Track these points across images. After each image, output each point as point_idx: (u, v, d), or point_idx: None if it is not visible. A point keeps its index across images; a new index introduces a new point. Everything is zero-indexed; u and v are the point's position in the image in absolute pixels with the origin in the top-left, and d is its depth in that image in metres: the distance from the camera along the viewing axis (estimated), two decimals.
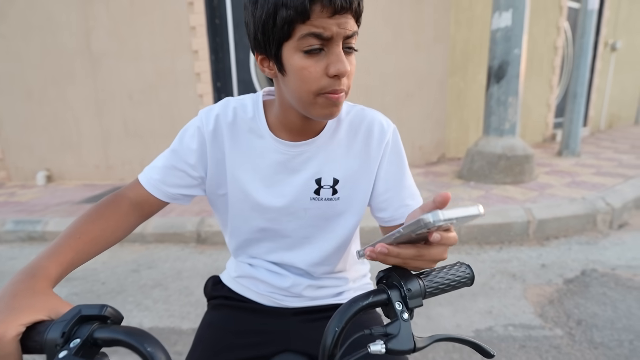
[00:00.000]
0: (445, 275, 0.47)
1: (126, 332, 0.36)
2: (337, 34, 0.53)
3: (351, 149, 0.70)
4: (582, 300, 1.95)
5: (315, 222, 0.72)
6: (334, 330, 0.40)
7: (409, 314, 0.42)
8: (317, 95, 0.56)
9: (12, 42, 4.94)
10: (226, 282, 0.83)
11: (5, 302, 0.40)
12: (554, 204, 2.85)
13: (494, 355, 0.46)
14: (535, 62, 5.46)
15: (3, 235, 3.35)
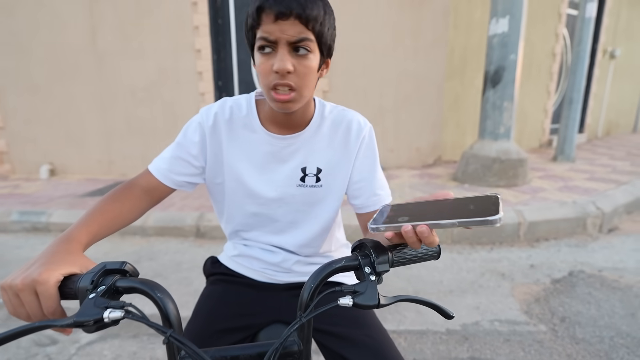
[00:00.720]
0: (415, 251, 0.53)
1: (141, 282, 0.43)
2: (280, 38, 0.62)
3: (332, 143, 0.80)
4: (568, 299, 2.03)
5: (301, 207, 0.82)
6: (309, 286, 0.47)
7: (376, 277, 0.48)
8: (269, 90, 0.66)
9: (19, 38, 5.02)
10: (223, 261, 0.92)
11: (47, 258, 0.49)
12: (544, 207, 2.92)
13: (453, 316, 0.53)
14: (534, 68, 5.54)
15: (9, 225, 3.43)
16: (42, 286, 0.45)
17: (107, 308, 0.40)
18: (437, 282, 2.26)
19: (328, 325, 0.77)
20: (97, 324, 0.40)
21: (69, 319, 0.40)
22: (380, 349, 0.72)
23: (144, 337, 1.82)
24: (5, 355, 1.71)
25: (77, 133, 5.25)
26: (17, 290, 0.45)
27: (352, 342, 0.74)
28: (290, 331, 0.44)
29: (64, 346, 1.77)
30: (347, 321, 0.77)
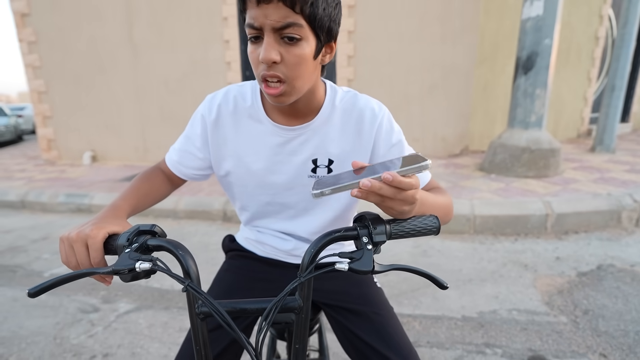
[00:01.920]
0: (412, 222, 0.55)
1: (167, 241, 0.51)
2: (264, 24, 0.56)
3: (344, 132, 0.76)
4: (593, 293, 1.97)
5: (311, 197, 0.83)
6: (310, 251, 0.52)
7: (373, 246, 0.51)
8: (260, 82, 0.62)
9: (65, 34, 5.36)
10: (239, 240, 0.98)
11: (98, 219, 0.59)
12: (575, 198, 2.81)
13: (447, 286, 0.54)
14: (573, 53, 5.22)
15: (56, 206, 3.75)
16: (91, 239, 0.54)
17: (139, 260, 0.48)
18: (456, 271, 2.26)
19: (339, 302, 0.82)
20: (131, 273, 0.48)
21: (109, 268, 0.48)
22: (385, 325, 0.76)
23: (174, 309, 1.97)
24: (54, 319, 1.92)
25: (115, 122, 5.58)
26: (72, 241, 0.54)
27: (360, 317, 0.78)
28: (290, 288, 0.49)
29: (105, 314, 1.96)
30: (357, 299, 0.82)
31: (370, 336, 0.75)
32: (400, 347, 0.73)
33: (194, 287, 0.48)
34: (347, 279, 0.87)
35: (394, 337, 0.74)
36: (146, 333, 1.78)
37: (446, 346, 1.60)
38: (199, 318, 0.51)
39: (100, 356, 1.62)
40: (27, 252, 2.83)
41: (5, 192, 4.17)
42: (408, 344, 0.75)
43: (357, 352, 0.76)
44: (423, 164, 0.48)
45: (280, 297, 0.49)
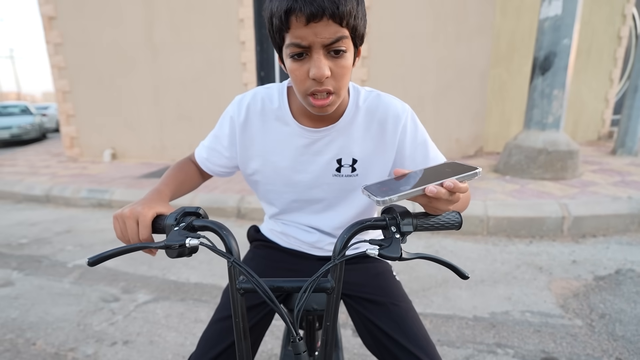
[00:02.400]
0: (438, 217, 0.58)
1: (212, 222, 0.56)
2: (314, 42, 0.58)
3: (368, 132, 0.77)
4: (611, 297, 1.93)
5: (337, 193, 0.83)
6: (343, 237, 0.55)
7: (401, 236, 0.54)
8: (306, 95, 0.64)
9: (89, 36, 5.56)
10: (264, 231, 1.01)
11: (146, 200, 0.65)
12: (593, 201, 2.75)
13: (468, 277, 0.57)
14: (594, 52, 5.09)
15: (79, 201, 3.90)
16: (142, 217, 0.59)
17: (188, 237, 0.52)
18: (469, 271, 2.24)
19: (360, 292, 0.85)
20: (180, 249, 0.53)
21: (161, 243, 0.53)
22: (404, 316, 0.78)
23: (190, 301, 2.04)
24: (78, 307, 2.01)
25: (134, 121, 5.75)
26: (125, 217, 0.60)
27: (379, 308, 0.81)
28: (325, 269, 0.52)
29: (125, 303, 2.04)
30: (376, 290, 0.84)
31: (389, 326, 0.77)
32: (417, 337, 0.74)
33: (238, 263, 0.52)
34: (368, 271, 0.89)
35: (412, 327, 0.76)
36: (163, 322, 1.85)
37: (457, 345, 1.61)
38: (239, 293, 0.55)
39: (120, 343, 1.69)
40: (51, 244, 2.96)
41: (31, 186, 4.36)
42: (425, 335, 0.76)
43: (375, 341, 0.79)
44: (476, 171, 0.52)
45: (316, 276, 0.52)
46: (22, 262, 2.63)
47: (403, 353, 0.73)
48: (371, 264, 0.91)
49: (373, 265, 0.91)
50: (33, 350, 1.67)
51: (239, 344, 0.56)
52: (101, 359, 1.59)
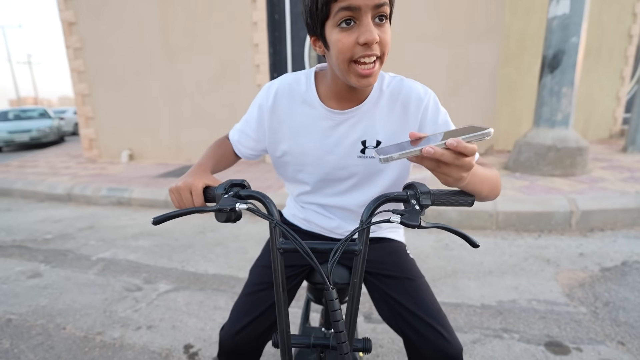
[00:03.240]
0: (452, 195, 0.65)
1: (256, 191, 0.65)
2: (365, 5, 0.61)
3: (391, 115, 0.80)
4: (616, 286, 1.97)
5: (362, 175, 0.86)
6: (369, 207, 0.62)
7: (420, 208, 0.60)
8: (351, 63, 0.67)
9: (106, 39, 5.77)
10: (286, 216, 1.09)
11: (195, 173, 0.75)
12: (601, 196, 2.78)
13: (478, 245, 0.63)
14: (604, 51, 5.08)
15: (100, 199, 4.07)
16: (194, 187, 0.69)
17: (237, 202, 0.61)
18: (477, 263, 2.31)
19: (378, 269, 0.92)
20: (230, 212, 0.62)
21: (215, 207, 0.62)
22: (417, 289, 0.85)
23: (209, 290, 2.15)
24: (103, 296, 2.13)
25: (151, 123, 5.93)
26: (180, 189, 0.69)
27: (395, 282, 0.88)
28: (354, 232, 0.59)
29: (147, 293, 2.15)
30: (393, 266, 0.92)
31: (405, 298, 0.84)
32: (430, 308, 0.81)
33: (280, 224, 0.60)
34: (385, 250, 0.96)
35: (425, 299, 0.83)
36: (184, 310, 1.95)
37: (465, 330, 1.68)
38: (279, 252, 0.63)
39: (144, 327, 1.81)
40: (75, 239, 3.11)
41: (53, 186, 4.56)
42: (437, 306, 0.83)
43: (392, 312, 0.86)
44: (486, 131, 0.50)
45: (346, 238, 0.59)
46: (48, 255, 2.78)
47: (417, 322, 0.79)
48: (387, 244, 0.98)
49: (389, 245, 0.98)
50: (63, 334, 1.79)
51: (277, 295, 0.63)
52: (127, 341, 1.71)
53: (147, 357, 1.59)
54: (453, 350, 0.76)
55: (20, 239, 3.18)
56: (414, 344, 0.80)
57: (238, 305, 0.87)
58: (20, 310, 2.01)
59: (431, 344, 0.77)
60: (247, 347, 0.83)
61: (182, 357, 1.58)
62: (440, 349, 0.76)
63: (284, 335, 0.62)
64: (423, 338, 0.78)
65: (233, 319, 0.85)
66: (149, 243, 2.90)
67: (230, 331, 0.83)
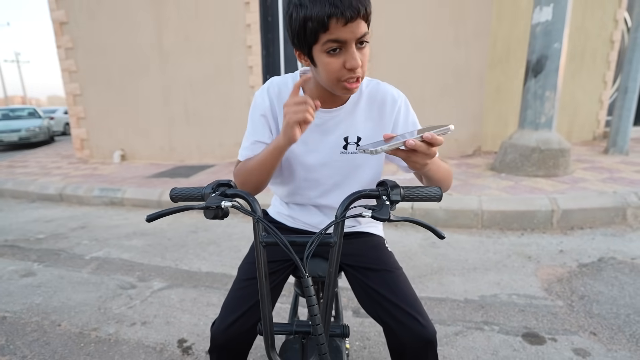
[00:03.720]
0: (421, 189, 0.71)
1: (240, 190, 0.71)
2: (350, 39, 0.70)
3: (370, 114, 0.90)
4: (591, 281, 2.08)
5: (344, 171, 0.93)
6: (343, 203, 0.69)
7: (390, 203, 0.67)
8: (338, 82, 0.75)
9: (99, 40, 5.77)
10: (271, 214, 1.15)
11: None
12: (581, 196, 2.90)
13: (444, 237, 0.68)
14: (588, 56, 5.25)
15: (92, 199, 4.08)
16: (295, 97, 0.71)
17: (222, 201, 0.67)
18: (462, 260, 2.40)
19: (358, 262, 0.98)
20: (217, 210, 0.67)
21: (202, 204, 0.67)
22: (395, 280, 0.92)
23: (202, 287, 2.20)
24: (97, 294, 2.17)
25: (143, 123, 5.93)
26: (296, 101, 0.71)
27: (374, 274, 0.94)
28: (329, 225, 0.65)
29: (141, 290, 2.20)
30: (372, 260, 0.98)
31: (383, 288, 0.90)
32: (407, 296, 0.88)
33: (262, 220, 0.66)
34: (365, 244, 1.03)
35: (402, 289, 0.90)
36: (178, 306, 2.00)
37: (448, 323, 1.76)
38: (262, 245, 0.68)
39: (139, 324, 1.85)
40: (68, 239, 3.13)
41: (45, 186, 4.55)
42: (414, 295, 0.90)
43: (371, 301, 0.92)
44: (449, 126, 0.64)
45: (321, 231, 0.65)
46: (41, 255, 2.80)
47: (396, 310, 0.86)
48: (367, 238, 1.05)
49: (369, 239, 1.05)
50: (58, 330, 1.83)
51: (260, 285, 0.69)
52: (122, 337, 1.75)
53: (141, 351, 1.64)
54: (428, 334, 0.83)
55: (12, 238, 3.19)
56: (393, 330, 0.86)
57: (228, 301, 0.91)
58: (14, 308, 2.04)
59: (408, 329, 0.84)
60: (237, 341, 0.88)
61: (176, 351, 1.63)
62: (417, 333, 0.83)
63: (267, 322, 0.68)
64: (401, 324, 0.85)
65: (223, 314, 0.88)
66: (143, 242, 2.94)
67: (221, 326, 0.87)
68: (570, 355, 1.51)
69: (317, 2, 0.67)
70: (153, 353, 1.62)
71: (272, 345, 0.70)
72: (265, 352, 0.69)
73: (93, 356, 1.61)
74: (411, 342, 0.84)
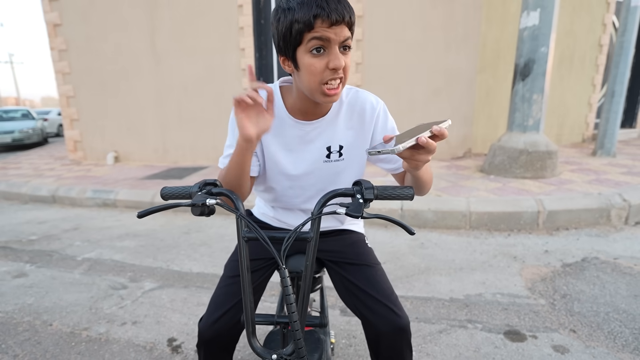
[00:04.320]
0: (394, 189, 0.74)
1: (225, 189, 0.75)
2: (334, 40, 0.73)
3: (350, 122, 0.93)
4: (574, 280, 2.13)
5: (327, 177, 0.96)
6: (320, 201, 0.72)
7: (364, 201, 0.70)
8: (320, 85, 0.77)
9: (92, 42, 5.77)
10: (256, 214, 1.18)
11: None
12: (566, 197, 2.96)
13: (414, 233, 0.71)
14: (576, 60, 5.34)
15: (85, 201, 4.09)
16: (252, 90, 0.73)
17: (207, 198, 0.71)
18: (449, 261, 2.45)
19: (339, 258, 1.03)
20: (202, 207, 0.71)
21: (189, 201, 0.71)
22: (373, 274, 0.97)
23: (193, 287, 2.22)
24: (89, 294, 2.19)
25: (137, 125, 5.94)
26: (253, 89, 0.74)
27: (354, 268, 0.99)
28: (306, 221, 0.68)
29: (132, 290, 2.22)
30: (352, 256, 1.03)
31: (361, 282, 0.95)
32: (384, 289, 0.93)
33: (244, 216, 0.70)
34: (346, 241, 1.07)
35: (379, 282, 0.95)
36: (168, 306, 2.03)
37: (432, 321, 1.80)
38: (244, 240, 0.72)
39: (130, 323, 1.88)
40: (60, 240, 3.14)
41: (38, 188, 4.55)
42: (390, 287, 0.95)
43: (350, 294, 0.97)
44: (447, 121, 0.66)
45: (299, 226, 0.68)
46: (33, 256, 2.81)
47: (372, 301, 0.91)
48: (348, 235, 1.10)
49: (350, 236, 1.09)
50: (50, 330, 1.85)
51: (242, 277, 0.72)
52: (113, 336, 1.77)
53: (131, 350, 1.66)
54: (402, 323, 0.88)
55: (5, 240, 3.19)
56: (370, 321, 0.91)
57: (214, 298, 0.95)
58: (6, 308, 2.05)
59: (384, 318, 0.88)
60: (224, 336, 0.91)
61: (166, 349, 1.66)
62: (391, 322, 0.88)
63: (248, 311, 0.72)
64: (377, 315, 0.89)
65: (210, 310, 0.92)
66: (135, 243, 2.96)
67: (208, 322, 0.90)
68: (549, 351, 1.55)
69: (304, 5, 0.70)
70: (143, 352, 1.64)
71: (253, 332, 0.73)
72: (247, 339, 0.73)
73: (84, 355, 1.64)
74: (386, 331, 0.88)
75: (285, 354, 0.72)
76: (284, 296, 0.63)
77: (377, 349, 0.93)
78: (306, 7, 0.70)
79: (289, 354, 0.72)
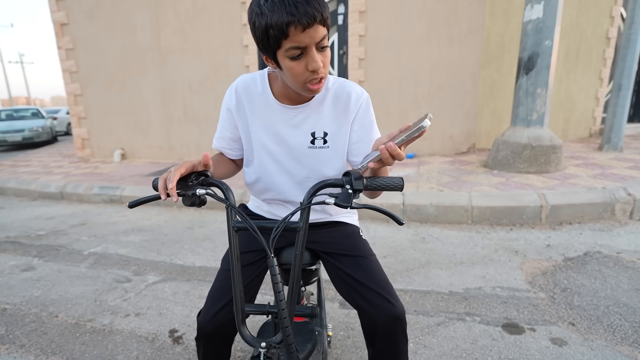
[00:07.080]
0: (383, 179, 0.75)
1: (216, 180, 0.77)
2: (310, 43, 0.74)
3: (335, 110, 0.95)
4: (575, 274, 2.12)
5: (313, 165, 0.99)
6: (309, 192, 0.73)
7: (353, 192, 0.71)
8: (303, 84, 0.80)
9: (99, 40, 5.84)
10: (251, 208, 1.21)
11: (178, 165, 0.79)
12: (570, 191, 2.93)
13: (403, 223, 0.74)
14: (583, 53, 5.26)
15: (92, 197, 4.16)
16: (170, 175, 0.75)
17: (197, 189, 0.73)
18: (450, 255, 2.45)
19: (334, 250, 1.04)
20: (193, 197, 0.73)
21: (180, 191, 0.73)
22: (368, 265, 0.98)
23: (195, 281, 2.26)
24: (94, 287, 2.24)
25: (143, 122, 6.01)
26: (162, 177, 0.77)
27: (349, 260, 1.00)
28: (296, 211, 0.70)
29: (136, 284, 2.26)
30: (347, 247, 1.04)
31: (357, 273, 0.96)
32: (379, 280, 0.94)
33: (233, 205, 0.72)
34: (340, 233, 1.08)
35: (374, 272, 0.96)
36: (171, 299, 2.07)
37: (431, 314, 1.81)
38: (234, 230, 0.74)
39: (133, 315, 1.92)
40: (67, 235, 3.20)
41: (46, 184, 4.63)
42: (385, 277, 0.96)
43: (346, 285, 0.98)
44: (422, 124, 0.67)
45: (288, 215, 0.70)
46: (41, 250, 2.87)
47: (368, 291, 0.92)
48: (343, 227, 1.11)
49: (345, 228, 1.11)
50: (56, 321, 1.90)
51: (232, 268, 0.73)
52: (116, 327, 1.82)
53: (134, 340, 1.70)
54: (397, 311, 0.89)
55: (14, 235, 3.27)
56: (365, 311, 0.92)
57: (212, 292, 0.96)
58: (14, 300, 2.11)
59: (379, 308, 0.89)
60: (222, 328, 0.93)
61: (167, 340, 1.69)
62: (387, 311, 0.89)
63: (237, 299, 0.73)
64: (373, 305, 0.90)
65: (209, 304, 0.94)
66: (139, 238, 3.01)
67: (207, 315, 0.92)
68: (547, 344, 1.55)
69: (275, 11, 0.70)
70: (145, 342, 1.68)
71: (243, 321, 0.75)
72: (237, 327, 0.74)
73: (88, 345, 1.68)
74: (382, 320, 0.89)
75: (274, 342, 0.73)
76: (273, 284, 0.65)
77: (373, 338, 0.94)
78: (277, 13, 0.70)
79: (278, 343, 0.73)
